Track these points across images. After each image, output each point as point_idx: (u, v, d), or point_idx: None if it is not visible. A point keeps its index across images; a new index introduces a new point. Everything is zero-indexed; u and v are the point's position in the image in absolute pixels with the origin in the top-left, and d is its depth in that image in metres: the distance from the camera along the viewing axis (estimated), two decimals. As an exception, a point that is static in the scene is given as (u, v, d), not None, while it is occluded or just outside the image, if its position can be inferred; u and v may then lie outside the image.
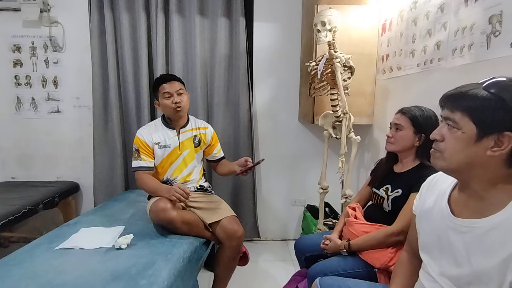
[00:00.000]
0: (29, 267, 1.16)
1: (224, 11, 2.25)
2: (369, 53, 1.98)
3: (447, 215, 0.77)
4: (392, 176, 1.31)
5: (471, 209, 0.72)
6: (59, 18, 2.32)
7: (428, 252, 0.83)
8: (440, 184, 0.84)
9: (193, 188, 1.71)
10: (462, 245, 0.71)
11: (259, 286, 1.94)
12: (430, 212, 0.83)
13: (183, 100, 1.62)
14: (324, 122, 1.92)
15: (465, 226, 0.71)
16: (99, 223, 1.58)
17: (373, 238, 1.20)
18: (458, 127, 0.69)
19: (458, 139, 0.69)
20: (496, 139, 0.65)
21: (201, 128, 1.74)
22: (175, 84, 1.62)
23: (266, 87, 2.43)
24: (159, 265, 1.18)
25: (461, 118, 0.69)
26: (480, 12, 1.09)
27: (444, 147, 0.72)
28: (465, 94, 0.69)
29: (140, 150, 1.60)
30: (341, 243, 1.27)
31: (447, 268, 0.75)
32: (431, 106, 1.30)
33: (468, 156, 0.69)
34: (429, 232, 0.82)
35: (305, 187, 2.49)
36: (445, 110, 0.73)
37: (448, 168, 0.73)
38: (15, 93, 2.40)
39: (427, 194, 0.88)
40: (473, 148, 0.68)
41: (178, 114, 1.63)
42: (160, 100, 1.63)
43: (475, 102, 0.67)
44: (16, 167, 2.48)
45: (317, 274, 1.21)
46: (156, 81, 1.67)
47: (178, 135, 1.67)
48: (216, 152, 1.81)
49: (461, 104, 0.69)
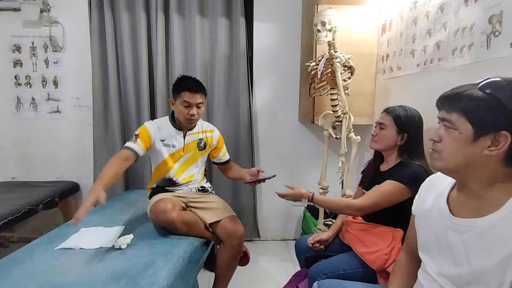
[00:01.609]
0: (29, 267, 1.16)
1: (224, 11, 2.25)
2: (369, 53, 1.98)
3: (446, 215, 0.77)
4: (378, 175, 1.33)
5: (469, 208, 0.73)
6: (59, 18, 2.32)
7: (427, 252, 0.83)
8: (439, 184, 0.85)
9: (195, 189, 1.71)
10: (461, 244, 0.72)
11: (259, 286, 1.94)
12: (429, 212, 0.83)
13: (200, 113, 1.58)
14: (324, 122, 1.92)
15: (463, 226, 0.72)
16: (99, 223, 1.57)
17: (334, 202, 1.28)
18: (454, 127, 0.70)
19: (455, 140, 0.70)
20: (493, 139, 0.66)
21: (207, 131, 1.73)
22: (197, 96, 1.55)
23: (266, 87, 2.43)
24: (159, 265, 1.18)
25: (457, 118, 0.69)
26: (480, 12, 1.09)
27: (441, 148, 0.73)
28: (461, 95, 0.70)
29: (139, 135, 1.53)
30: (305, 192, 1.32)
31: (446, 267, 0.75)
32: (431, 106, 1.30)
33: (465, 156, 0.69)
34: (428, 232, 0.82)
35: (305, 187, 2.45)
36: (442, 111, 0.74)
37: (446, 168, 0.74)
38: (15, 93, 2.40)
39: (426, 194, 0.88)
40: (470, 148, 0.68)
41: (190, 124, 1.62)
42: (177, 103, 1.57)
43: (471, 103, 0.67)
44: (16, 167, 2.48)
45: (317, 274, 1.21)
46: (180, 83, 1.58)
47: (184, 137, 1.65)
48: (222, 155, 1.80)
49: (457, 104, 0.70)
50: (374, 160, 1.40)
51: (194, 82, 1.60)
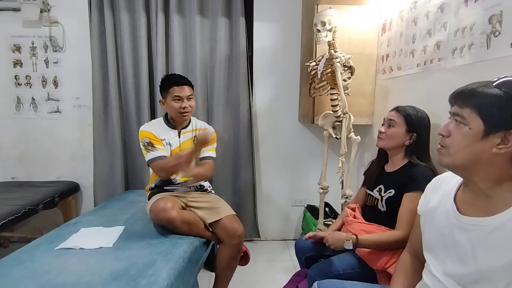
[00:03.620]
0: (29, 267, 1.16)
1: (224, 11, 2.25)
2: (369, 53, 1.98)
3: (453, 214, 0.76)
4: (383, 176, 1.32)
5: (477, 207, 0.72)
6: (59, 18, 2.32)
7: (432, 252, 0.82)
8: (446, 185, 0.85)
9: (194, 188, 1.71)
10: (467, 243, 0.71)
11: (259, 286, 1.94)
12: (435, 211, 0.83)
13: (192, 105, 1.62)
14: (324, 122, 1.92)
15: (471, 225, 0.71)
16: (99, 223, 1.58)
17: (381, 240, 1.16)
18: (465, 123, 0.70)
19: (464, 135, 0.70)
20: (502, 137, 0.66)
21: (201, 129, 1.73)
22: (185, 89, 1.60)
23: (266, 87, 2.43)
24: (159, 265, 1.18)
25: (469, 114, 0.69)
26: (480, 12, 1.09)
27: (449, 143, 0.73)
28: (475, 91, 0.69)
29: (152, 142, 1.57)
30: (346, 235, 1.20)
31: (451, 267, 0.75)
32: (431, 105, 1.31)
33: (473, 152, 0.69)
34: (434, 231, 0.82)
35: (305, 187, 2.49)
36: (455, 106, 0.73)
37: (453, 165, 0.73)
38: (15, 93, 2.40)
39: (431, 194, 0.88)
40: (479, 144, 0.68)
41: (183, 118, 1.64)
42: (168, 101, 1.61)
43: (485, 99, 0.67)
44: (16, 167, 2.47)
45: (317, 274, 1.21)
46: (166, 81, 1.63)
47: (179, 136, 1.67)
48: (206, 149, 1.68)
49: (471, 100, 0.69)
50: (378, 160, 1.38)
51: (179, 77, 1.65)
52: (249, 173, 2.38)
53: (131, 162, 2.38)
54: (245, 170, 2.37)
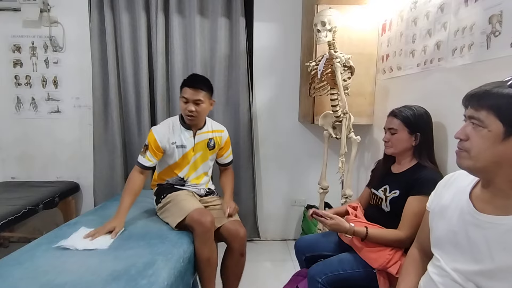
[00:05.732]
0: (29, 267, 1.16)
1: (224, 11, 2.25)
2: (369, 53, 1.98)
3: (468, 211, 0.75)
4: (390, 176, 1.31)
5: (495, 206, 0.71)
6: (59, 18, 2.32)
7: (442, 248, 0.82)
8: (459, 182, 0.84)
9: (203, 191, 1.72)
10: (483, 241, 0.70)
11: (259, 286, 1.94)
12: (447, 208, 0.82)
13: (198, 110, 1.56)
14: (324, 122, 1.92)
15: (488, 222, 0.71)
16: (99, 223, 1.56)
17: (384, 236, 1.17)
18: (483, 125, 0.69)
19: (484, 138, 0.69)
20: None
21: (217, 131, 1.73)
22: (195, 92, 1.54)
23: (266, 87, 2.43)
24: (159, 265, 1.18)
25: (486, 116, 0.68)
26: (480, 12, 1.09)
27: (469, 146, 0.71)
28: (489, 92, 0.68)
29: (148, 146, 1.57)
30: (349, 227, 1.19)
31: (462, 264, 0.74)
32: (431, 105, 1.30)
33: (495, 154, 0.68)
34: (445, 228, 0.81)
35: (305, 187, 2.49)
36: (469, 109, 0.72)
37: (475, 167, 0.72)
38: (15, 93, 2.40)
39: (444, 191, 0.87)
40: (500, 146, 0.67)
41: (189, 121, 1.61)
42: (180, 99, 1.60)
43: (501, 100, 0.66)
44: (16, 167, 2.47)
45: (317, 274, 1.21)
46: (185, 79, 1.60)
47: (194, 137, 1.65)
48: (226, 156, 1.80)
49: (486, 102, 0.68)
50: (384, 160, 1.38)
51: (196, 79, 1.61)
52: (249, 173, 2.38)
53: (131, 162, 2.37)
54: (245, 170, 2.37)
